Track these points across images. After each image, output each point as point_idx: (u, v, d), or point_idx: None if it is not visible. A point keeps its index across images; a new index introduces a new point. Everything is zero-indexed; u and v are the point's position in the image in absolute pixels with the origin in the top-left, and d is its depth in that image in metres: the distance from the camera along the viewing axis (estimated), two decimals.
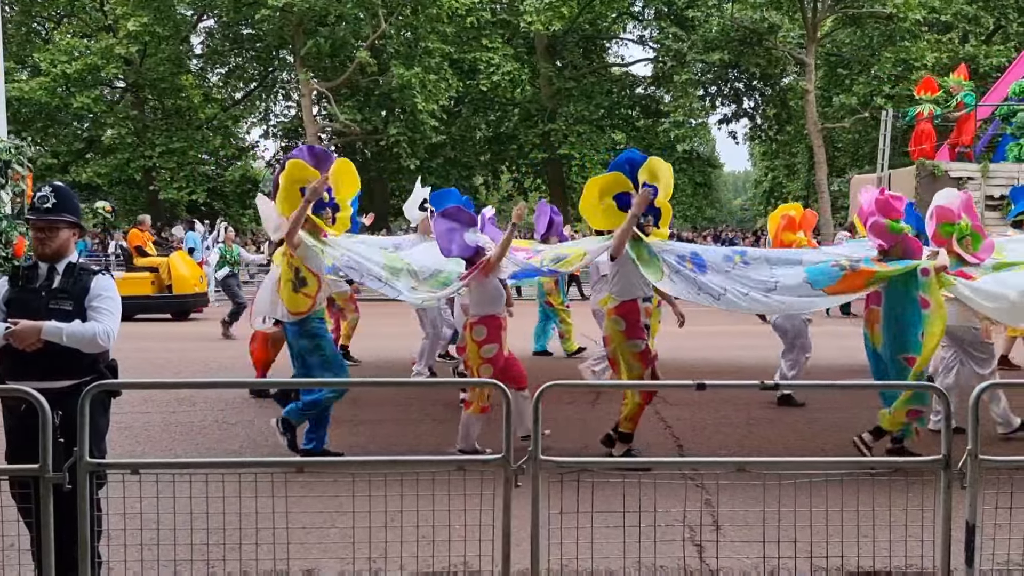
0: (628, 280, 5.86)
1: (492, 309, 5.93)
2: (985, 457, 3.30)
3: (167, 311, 16.89)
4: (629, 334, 5.84)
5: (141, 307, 16.33)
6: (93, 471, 3.25)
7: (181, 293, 16.72)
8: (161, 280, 16.53)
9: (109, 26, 31.16)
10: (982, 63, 28.17)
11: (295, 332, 5.99)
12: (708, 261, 5.94)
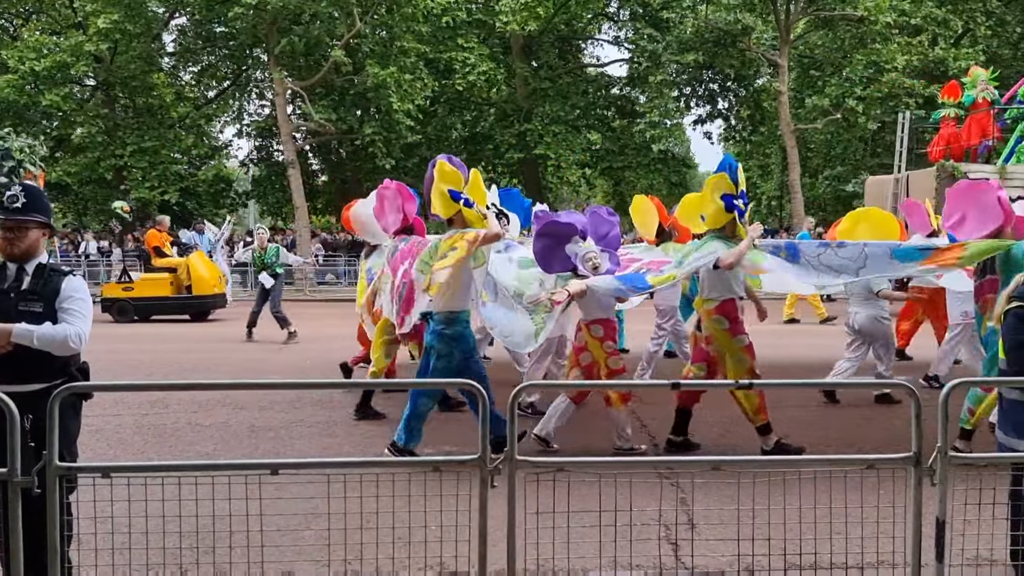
0: (726, 281, 6.12)
1: (605, 313, 6.25)
2: (955, 454, 3.35)
3: (186, 312, 16.80)
4: (734, 331, 6.12)
5: (160, 308, 16.38)
6: (63, 475, 3.20)
7: (201, 294, 16.64)
8: (180, 281, 16.44)
9: (79, 23, 30.70)
10: (951, 66, 28.62)
11: (436, 333, 6.02)
12: (801, 250, 6.27)
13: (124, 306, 16.34)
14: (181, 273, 16.42)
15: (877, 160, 34.29)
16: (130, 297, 16.41)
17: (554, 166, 33.02)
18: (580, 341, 6.38)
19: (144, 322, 16.09)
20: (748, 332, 6.21)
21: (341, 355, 11.44)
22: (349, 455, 6.12)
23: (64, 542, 3.31)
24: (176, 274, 16.40)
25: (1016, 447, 3.90)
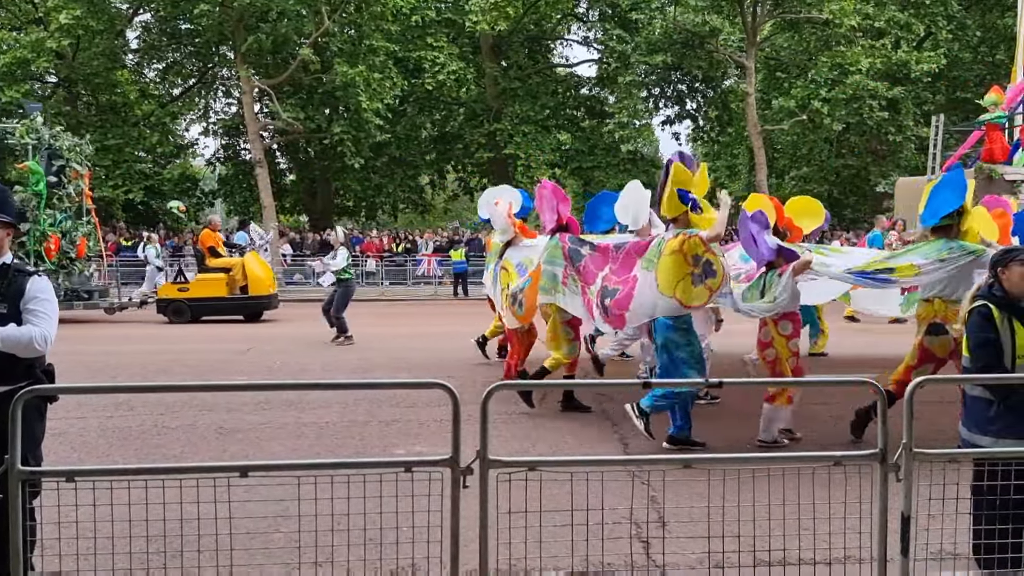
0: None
1: (793, 307, 6.37)
2: (919, 450, 3.41)
3: (241, 312, 16.60)
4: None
5: (216, 309, 16.18)
6: (26, 479, 3.14)
7: (257, 294, 16.45)
8: (235, 281, 16.23)
9: (39, 19, 30.09)
10: (913, 68, 29.15)
11: (669, 325, 6.21)
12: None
13: (180, 307, 16.15)
14: (236, 273, 16.23)
15: (842, 161, 34.82)
16: (186, 298, 16.22)
17: (524, 166, 33.03)
18: (766, 336, 6.49)
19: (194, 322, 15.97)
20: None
21: (312, 357, 11.38)
22: (319, 456, 6.07)
23: (27, 548, 3.24)
24: (231, 274, 16.21)
25: (978, 443, 3.98)
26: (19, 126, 16.00)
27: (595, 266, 6.97)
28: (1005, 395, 3.85)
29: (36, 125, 15.99)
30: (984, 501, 3.77)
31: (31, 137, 15.81)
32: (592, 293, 6.91)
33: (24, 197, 15.59)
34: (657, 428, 6.29)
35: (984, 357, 3.92)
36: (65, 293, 16.07)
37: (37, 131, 15.90)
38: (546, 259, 7.59)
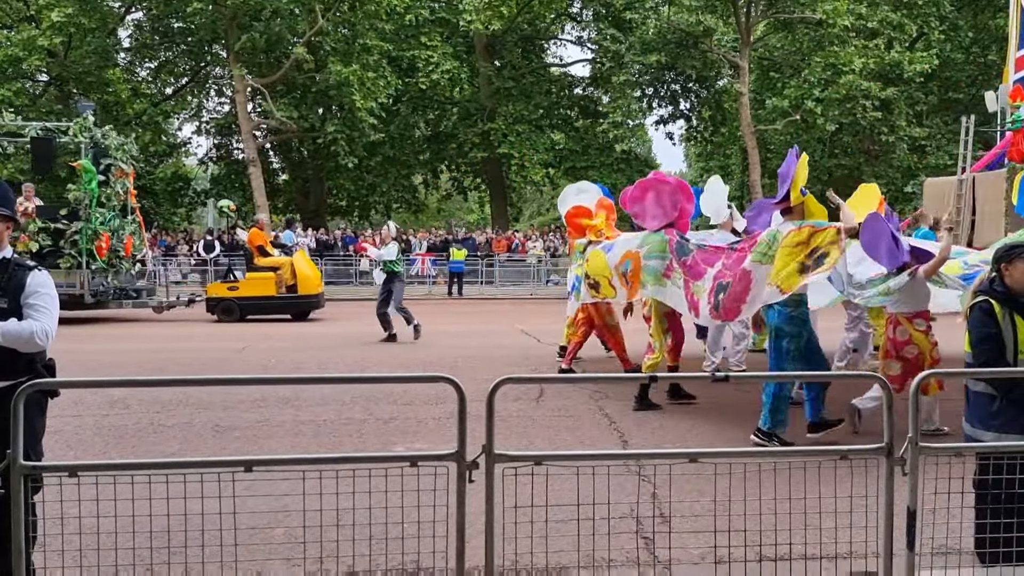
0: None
1: (923, 305, 6.52)
2: (925, 444, 3.41)
3: (289, 311, 16.60)
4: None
5: (265, 307, 16.21)
6: (28, 474, 3.10)
7: (306, 293, 16.49)
8: (283, 280, 16.24)
9: (31, 16, 29.95)
10: (906, 68, 29.24)
11: (785, 315, 6.24)
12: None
13: (229, 306, 16.18)
14: (284, 272, 16.24)
15: (835, 161, 34.91)
16: (235, 297, 16.23)
17: (517, 165, 33.04)
18: (903, 335, 6.52)
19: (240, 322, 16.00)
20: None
21: (308, 355, 11.33)
22: (321, 452, 6.04)
23: (29, 544, 3.20)
24: (279, 273, 16.21)
25: (981, 438, 3.99)
26: (72, 125, 16.09)
27: (705, 262, 7.04)
28: (1008, 390, 3.85)
29: (88, 124, 16.09)
30: (988, 496, 3.77)
31: (84, 136, 15.89)
32: (698, 290, 6.97)
33: (77, 196, 15.65)
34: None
35: (986, 352, 3.93)
36: (114, 292, 16.18)
37: (89, 130, 15.99)
38: (647, 253, 7.69)
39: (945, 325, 6.94)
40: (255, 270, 16.34)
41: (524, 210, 54.49)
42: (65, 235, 15.49)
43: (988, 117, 18.95)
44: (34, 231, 15.40)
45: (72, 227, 15.50)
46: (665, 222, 7.71)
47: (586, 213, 9.32)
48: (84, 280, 15.51)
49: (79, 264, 15.51)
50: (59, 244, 15.47)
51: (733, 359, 9.49)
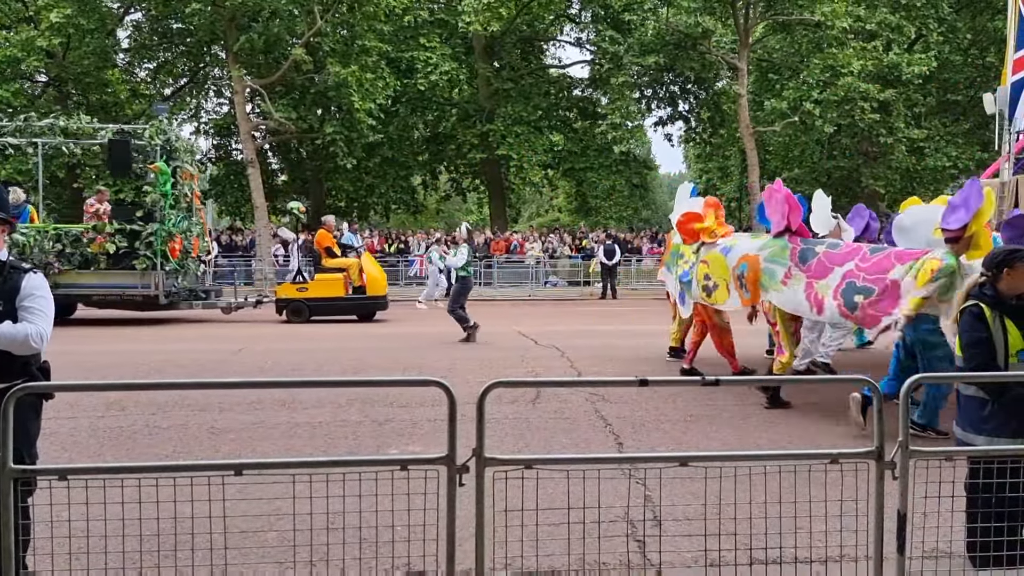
0: None
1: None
2: (915, 448, 3.41)
3: (357, 312, 16.74)
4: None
5: (334, 308, 16.35)
6: (18, 477, 3.11)
7: (374, 294, 16.61)
8: (351, 281, 16.40)
9: (30, 17, 29.95)
10: (904, 70, 29.27)
11: (929, 328, 6.35)
12: None
13: (299, 307, 16.31)
14: (352, 273, 16.35)
15: (833, 162, 34.94)
16: (305, 298, 16.35)
17: (516, 167, 33.04)
18: None
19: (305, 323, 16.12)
20: None
21: (304, 356, 11.33)
22: (313, 455, 6.04)
23: (20, 547, 3.20)
24: (346, 274, 16.33)
25: (972, 442, 3.99)
26: (148, 127, 16.22)
27: (832, 261, 7.14)
28: (999, 394, 3.86)
29: (164, 126, 16.23)
30: (979, 499, 3.78)
31: (160, 139, 16.01)
32: (823, 288, 7.08)
33: (153, 198, 15.74)
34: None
35: (977, 356, 3.93)
36: (185, 293, 16.37)
37: (165, 132, 16.12)
38: (767, 257, 7.87)
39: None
40: (323, 271, 16.47)
41: (523, 211, 54.52)
42: (141, 236, 15.64)
43: (986, 119, 18.93)
44: (110, 233, 15.56)
45: (148, 229, 15.64)
46: (780, 229, 7.93)
47: (696, 218, 9.46)
48: (159, 281, 15.70)
49: (154, 265, 15.67)
50: (134, 246, 15.62)
51: (824, 349, 9.54)
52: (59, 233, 15.77)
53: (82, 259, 15.62)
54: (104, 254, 15.50)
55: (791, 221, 7.88)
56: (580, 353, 11.56)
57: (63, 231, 15.88)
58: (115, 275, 15.75)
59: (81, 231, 15.79)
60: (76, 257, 15.58)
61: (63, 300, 16.24)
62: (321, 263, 16.54)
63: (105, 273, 15.72)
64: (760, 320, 8.55)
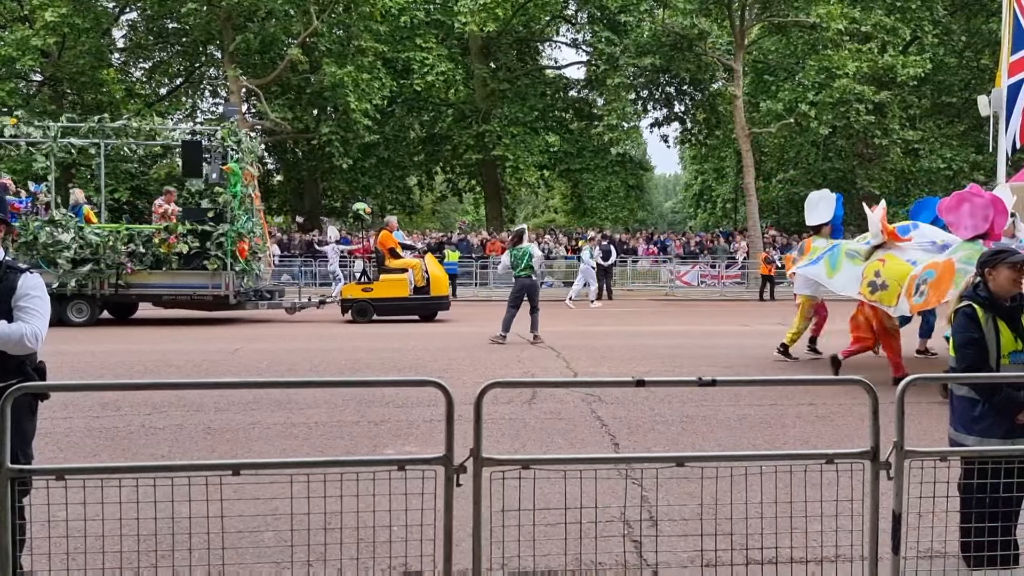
0: None
1: None
2: (910, 449, 3.43)
3: (420, 312, 16.84)
4: None
5: (398, 308, 16.47)
6: (15, 477, 3.11)
7: (438, 294, 16.75)
8: (414, 281, 16.49)
9: (25, 16, 29.89)
10: (899, 72, 29.37)
11: None
12: None
13: (364, 307, 16.45)
14: (416, 273, 16.45)
15: (829, 164, 35.02)
16: (370, 298, 16.47)
17: (512, 167, 33.06)
18: None
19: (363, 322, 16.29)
20: None
21: (299, 357, 11.33)
22: (309, 456, 6.04)
23: (16, 547, 3.20)
24: (411, 274, 16.44)
25: (964, 442, 4.01)
26: (220, 128, 16.31)
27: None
28: (990, 394, 3.88)
29: (234, 128, 16.33)
30: (972, 500, 3.79)
31: (231, 140, 16.10)
32: None
33: (225, 199, 15.85)
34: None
35: (969, 357, 3.95)
36: (251, 293, 16.50)
37: (236, 134, 16.22)
38: (962, 258, 7.91)
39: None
40: (387, 272, 16.55)
41: (519, 212, 54.48)
42: (211, 237, 15.71)
43: (981, 121, 19.01)
44: (182, 233, 15.64)
45: (219, 229, 15.73)
46: (977, 233, 8.02)
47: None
48: (229, 281, 15.78)
49: (224, 266, 15.75)
50: (205, 246, 15.70)
51: None
52: (131, 233, 15.89)
53: (154, 259, 15.70)
54: (176, 254, 15.59)
55: (996, 225, 7.99)
56: (576, 353, 11.58)
57: (135, 231, 16.02)
58: (186, 275, 15.85)
59: (153, 231, 15.89)
60: (148, 257, 15.66)
61: (129, 300, 16.41)
62: (384, 264, 16.64)
63: (176, 273, 15.82)
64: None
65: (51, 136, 16.52)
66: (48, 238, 15.36)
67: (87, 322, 15.61)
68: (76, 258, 15.40)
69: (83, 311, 15.74)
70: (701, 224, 50.79)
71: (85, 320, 15.64)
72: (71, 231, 15.48)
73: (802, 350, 11.62)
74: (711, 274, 30.15)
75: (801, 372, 10.52)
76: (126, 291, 15.77)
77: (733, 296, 27.34)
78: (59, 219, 15.71)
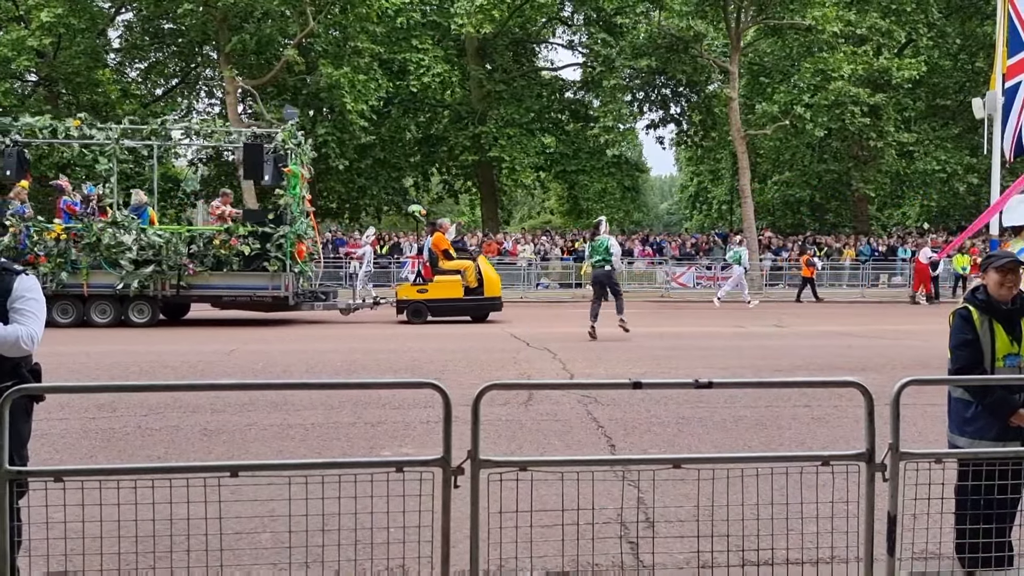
0: None
1: None
2: (905, 450, 3.45)
3: (473, 313, 16.94)
4: None
5: (453, 309, 16.61)
6: (13, 479, 3.11)
7: (491, 295, 16.87)
8: (467, 282, 16.58)
9: (20, 17, 29.82)
10: (895, 75, 29.46)
11: None
12: None
13: (419, 308, 16.58)
14: (469, 275, 16.51)
15: (824, 166, 35.10)
16: (425, 299, 16.60)
17: (508, 169, 33.07)
18: None
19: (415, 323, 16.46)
20: None
21: (295, 358, 11.32)
22: (306, 457, 6.04)
23: (13, 548, 3.20)
24: (464, 276, 16.52)
25: (956, 443, 4.03)
26: (281, 131, 16.38)
27: None
28: (983, 396, 3.90)
29: (294, 130, 16.38)
30: (967, 501, 3.81)
31: (292, 142, 16.14)
32: None
33: (286, 200, 15.91)
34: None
35: (962, 359, 3.98)
36: (308, 294, 16.65)
37: (295, 136, 16.26)
38: None
39: None
40: (441, 273, 16.63)
41: (515, 213, 54.48)
42: (272, 239, 15.76)
43: (976, 123, 19.03)
44: (243, 235, 15.69)
45: (279, 231, 15.78)
46: None
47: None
48: (289, 282, 15.87)
49: (284, 267, 15.81)
50: (265, 247, 15.76)
51: None
52: (192, 235, 15.95)
53: (214, 261, 15.75)
54: (238, 255, 15.65)
55: None
56: (572, 355, 11.59)
57: (196, 233, 16.09)
58: (246, 277, 15.93)
59: (213, 233, 15.95)
60: (209, 259, 15.70)
61: (188, 301, 16.55)
62: (438, 265, 16.72)
63: (236, 275, 15.89)
64: None
65: (113, 138, 16.52)
66: (111, 239, 15.46)
67: (148, 323, 15.77)
68: (138, 259, 15.51)
69: (144, 312, 15.86)
70: (697, 226, 50.90)
71: (146, 321, 15.79)
72: (133, 232, 15.58)
73: None
74: (707, 276, 30.19)
75: (797, 374, 10.55)
76: (187, 292, 15.88)
77: (729, 298, 27.37)
78: (121, 220, 15.79)
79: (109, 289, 15.56)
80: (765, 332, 15.68)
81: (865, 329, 16.01)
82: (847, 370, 9.98)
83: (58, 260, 15.42)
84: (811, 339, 14.33)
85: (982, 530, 3.68)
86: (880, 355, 11.67)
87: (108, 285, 15.56)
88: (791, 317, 19.28)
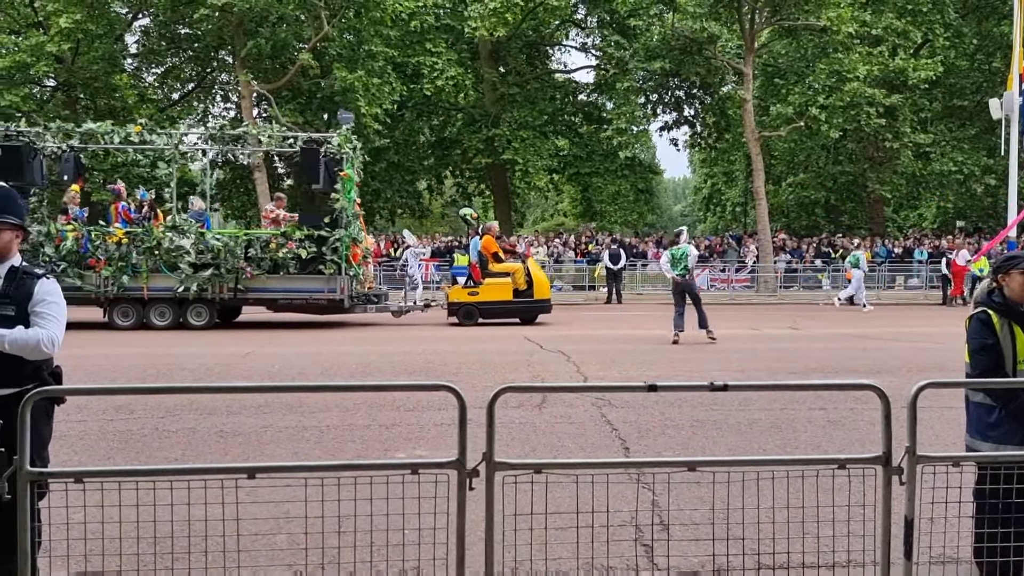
0: None
1: None
2: (922, 454, 3.43)
3: (523, 315, 17.12)
4: None
5: (503, 311, 16.84)
6: (34, 480, 3.14)
7: (541, 297, 17.08)
8: (517, 285, 16.77)
9: (39, 22, 30.15)
10: (910, 76, 29.26)
11: None
12: None
13: (470, 310, 16.81)
14: (518, 277, 16.70)
15: (839, 167, 34.90)
16: (475, 301, 16.81)
17: (522, 171, 33.09)
18: None
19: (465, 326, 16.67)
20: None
21: (310, 360, 11.37)
22: (321, 459, 6.07)
23: (34, 549, 3.24)
24: (513, 278, 16.71)
25: (979, 448, 4.00)
26: (337, 135, 16.55)
27: None
28: (1006, 400, 3.87)
29: (350, 135, 16.59)
30: (986, 506, 3.78)
31: (348, 147, 16.34)
32: None
33: (342, 204, 16.11)
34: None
35: (982, 363, 3.94)
36: (361, 297, 16.85)
37: (351, 140, 16.48)
38: None
39: None
40: (491, 276, 16.80)
41: (528, 215, 54.48)
42: (327, 242, 15.93)
43: (992, 124, 18.96)
44: (299, 239, 15.87)
45: (334, 235, 15.94)
46: None
47: None
48: (345, 285, 16.04)
49: (339, 270, 15.97)
50: (321, 251, 15.95)
51: None
52: (250, 239, 16.11)
53: (271, 264, 15.91)
54: (294, 258, 15.82)
55: None
56: (585, 357, 11.58)
57: (253, 236, 16.26)
58: (302, 280, 16.09)
59: (269, 236, 16.12)
60: (266, 262, 15.86)
61: (244, 304, 16.77)
62: (488, 268, 16.87)
63: (292, 278, 16.06)
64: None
65: (173, 143, 16.71)
66: (170, 243, 15.67)
67: (206, 325, 15.97)
68: (196, 263, 15.69)
69: (202, 314, 16.05)
70: (711, 228, 50.73)
71: (204, 323, 15.98)
72: (191, 236, 15.77)
73: None
74: (721, 277, 30.09)
75: (812, 377, 10.50)
76: (244, 295, 16.06)
77: (743, 300, 27.27)
78: (180, 224, 15.98)
79: (168, 292, 15.77)
80: (780, 334, 15.62)
81: (880, 331, 15.91)
82: (863, 372, 9.92)
83: (119, 264, 15.61)
84: (826, 341, 14.26)
85: (1001, 535, 3.65)
86: (896, 357, 11.60)
87: (167, 288, 15.76)
88: (805, 319, 19.20)
